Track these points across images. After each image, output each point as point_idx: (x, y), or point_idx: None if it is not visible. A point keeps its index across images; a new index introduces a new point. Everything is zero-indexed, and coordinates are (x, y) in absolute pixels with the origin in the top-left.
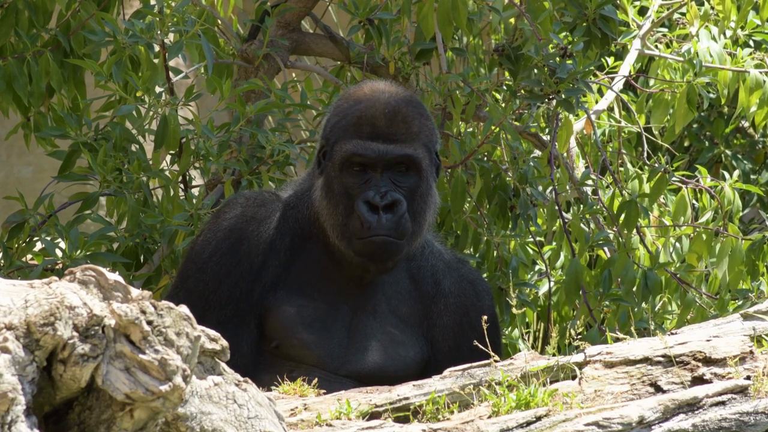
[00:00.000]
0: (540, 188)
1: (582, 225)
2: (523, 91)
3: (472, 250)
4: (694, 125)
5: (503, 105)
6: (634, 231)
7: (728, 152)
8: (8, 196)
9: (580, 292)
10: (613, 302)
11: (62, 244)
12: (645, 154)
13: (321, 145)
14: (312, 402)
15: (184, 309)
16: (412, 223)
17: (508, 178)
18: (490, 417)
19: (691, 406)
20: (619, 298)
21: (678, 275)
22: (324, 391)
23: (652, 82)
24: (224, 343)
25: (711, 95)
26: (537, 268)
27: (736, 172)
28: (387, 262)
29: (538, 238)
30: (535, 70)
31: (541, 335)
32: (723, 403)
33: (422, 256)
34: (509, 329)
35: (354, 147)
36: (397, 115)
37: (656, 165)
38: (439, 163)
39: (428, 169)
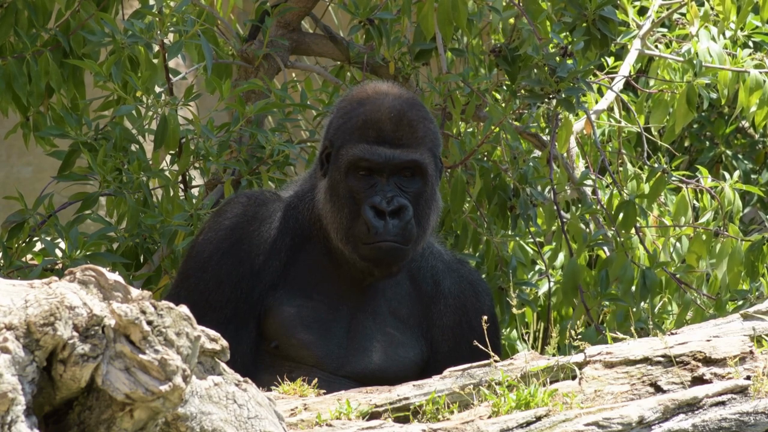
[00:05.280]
0: (540, 188)
1: (581, 225)
2: (523, 91)
3: (471, 250)
4: (695, 125)
5: (503, 105)
6: (633, 231)
7: (728, 152)
8: (8, 196)
9: (578, 292)
10: (611, 302)
11: (62, 244)
12: (645, 155)
13: (324, 146)
14: (312, 402)
15: (184, 309)
16: (417, 228)
17: (508, 178)
18: (490, 417)
19: (691, 406)
20: (616, 298)
21: (677, 276)
22: (324, 391)
23: (652, 82)
24: (224, 343)
25: (711, 95)
26: (537, 268)
27: (737, 173)
28: (392, 267)
29: (537, 239)
30: (535, 70)
31: (541, 335)
32: (723, 403)
33: (422, 257)
34: (509, 330)
35: (361, 152)
36: (402, 119)
37: (656, 165)
38: (442, 166)
39: (433, 173)
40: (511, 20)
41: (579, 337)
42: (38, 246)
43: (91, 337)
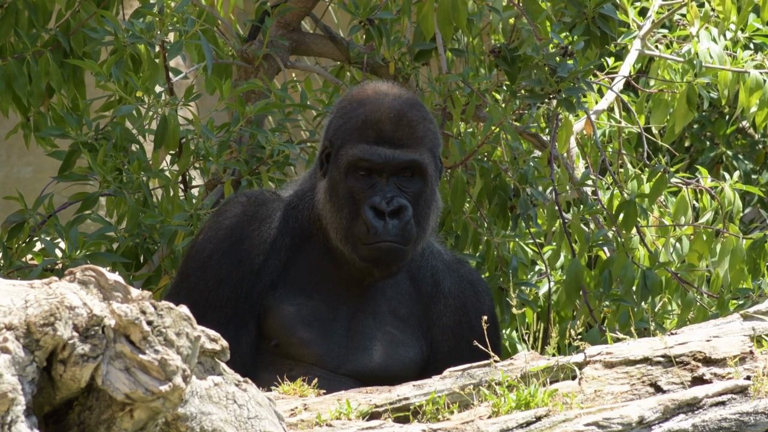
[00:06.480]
0: (540, 188)
1: (582, 225)
2: (523, 91)
3: (471, 250)
4: (695, 126)
5: (503, 105)
6: (634, 231)
7: (729, 152)
8: (8, 196)
9: (581, 293)
10: (613, 302)
11: (62, 244)
12: (645, 155)
13: (324, 146)
14: (312, 402)
15: (184, 309)
16: (417, 228)
17: (508, 179)
18: (490, 417)
19: (691, 406)
20: (619, 298)
21: (679, 275)
22: (324, 391)
23: (652, 82)
24: (224, 343)
25: (712, 95)
26: (537, 268)
27: (737, 173)
28: (392, 267)
29: (538, 239)
30: (535, 70)
31: (541, 335)
32: (723, 403)
33: (422, 256)
34: (509, 329)
35: (360, 152)
36: (402, 119)
37: (656, 165)
38: (442, 166)
39: (433, 174)
40: (511, 20)
41: (579, 337)
42: (38, 246)
43: (91, 337)
